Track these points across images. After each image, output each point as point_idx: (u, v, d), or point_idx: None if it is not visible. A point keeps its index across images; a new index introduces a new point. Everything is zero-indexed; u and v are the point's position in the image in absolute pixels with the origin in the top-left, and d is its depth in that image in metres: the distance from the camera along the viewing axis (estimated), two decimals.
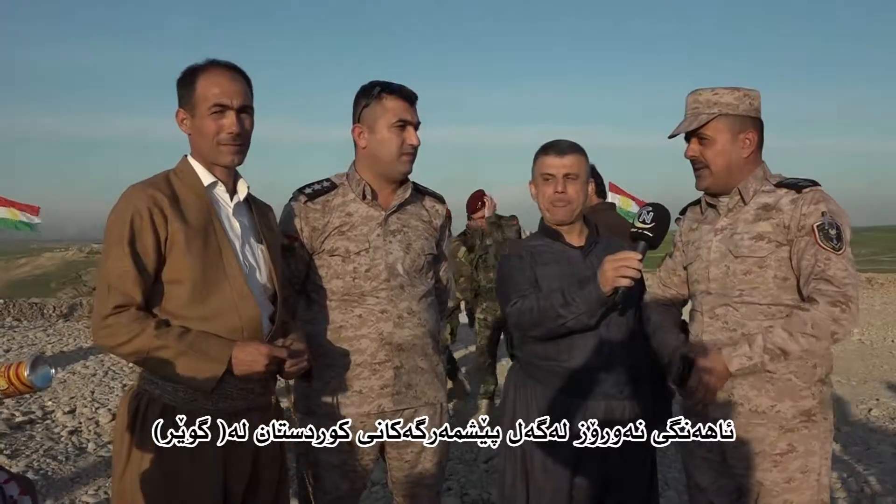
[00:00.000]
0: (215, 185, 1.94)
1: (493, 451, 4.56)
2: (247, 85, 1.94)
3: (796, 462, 1.98)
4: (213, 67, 1.90)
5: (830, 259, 1.89)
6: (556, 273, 2.23)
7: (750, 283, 2.00)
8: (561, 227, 2.31)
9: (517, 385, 2.30)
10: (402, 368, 2.23)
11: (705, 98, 2.04)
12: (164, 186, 1.87)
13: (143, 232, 1.79)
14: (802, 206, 1.95)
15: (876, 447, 4.73)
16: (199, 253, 1.83)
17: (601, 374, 2.18)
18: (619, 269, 1.96)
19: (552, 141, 2.32)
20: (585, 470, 2.16)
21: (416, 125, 2.24)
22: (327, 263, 2.23)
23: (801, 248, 1.93)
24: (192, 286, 1.82)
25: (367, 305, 2.21)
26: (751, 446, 2.00)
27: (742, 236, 2.02)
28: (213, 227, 1.88)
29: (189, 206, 1.87)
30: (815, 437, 1.99)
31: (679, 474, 3.90)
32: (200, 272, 1.82)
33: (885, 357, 8.17)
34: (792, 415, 1.98)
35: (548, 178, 2.26)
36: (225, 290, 1.85)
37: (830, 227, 1.91)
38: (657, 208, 2.02)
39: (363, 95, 2.24)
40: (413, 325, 2.24)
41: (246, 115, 1.92)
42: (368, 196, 2.25)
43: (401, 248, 2.25)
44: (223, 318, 1.84)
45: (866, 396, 6.24)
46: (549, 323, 2.11)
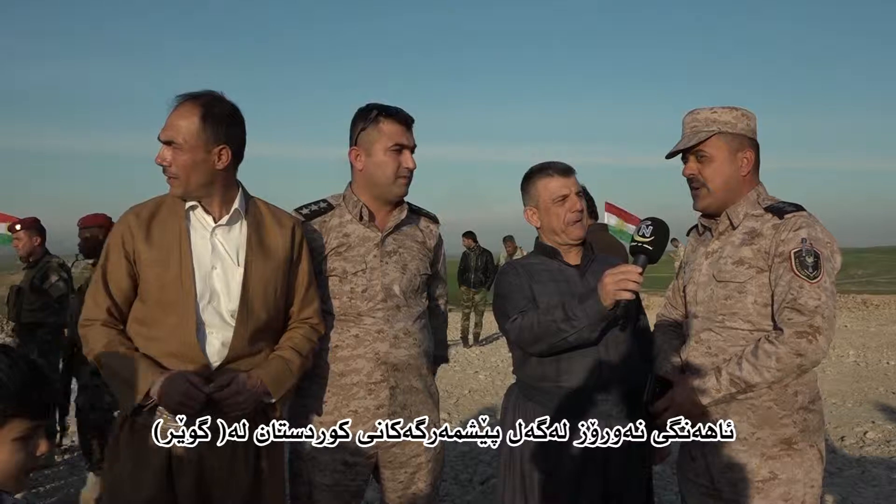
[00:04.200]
0: (195, 209, 2.00)
1: (490, 472, 4.54)
2: (192, 121, 1.92)
3: (778, 489, 1.95)
4: (180, 100, 1.96)
5: (803, 287, 1.86)
6: (553, 290, 2.24)
7: (730, 308, 2.00)
8: (561, 245, 2.33)
9: (516, 406, 2.30)
10: (398, 388, 2.23)
11: (704, 116, 2.05)
12: (146, 209, 2.01)
13: (113, 254, 1.98)
14: (783, 231, 1.94)
15: (871, 470, 4.72)
16: (157, 276, 1.94)
17: (600, 395, 2.18)
18: (620, 282, 1.96)
19: (546, 164, 2.34)
20: (585, 490, 2.16)
21: (413, 148, 2.26)
22: (324, 283, 2.23)
23: (778, 274, 1.92)
24: (149, 308, 1.96)
25: (363, 325, 2.21)
26: (735, 472, 1.99)
27: (726, 260, 2.02)
28: (178, 251, 1.95)
29: (164, 228, 1.98)
30: (798, 465, 1.96)
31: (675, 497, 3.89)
32: (157, 296, 1.95)
33: (880, 379, 8.15)
34: (772, 442, 1.95)
35: (562, 199, 2.27)
36: (170, 317, 1.92)
37: (808, 255, 1.88)
38: (656, 222, 2.03)
39: (360, 118, 2.26)
40: (408, 346, 2.25)
41: (170, 147, 1.93)
42: (365, 217, 2.27)
43: (397, 268, 2.26)
44: (163, 343, 1.92)
45: (861, 419, 6.22)
46: (550, 338, 2.11)
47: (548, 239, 2.36)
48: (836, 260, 1.96)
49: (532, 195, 2.34)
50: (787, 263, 1.90)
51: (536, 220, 2.36)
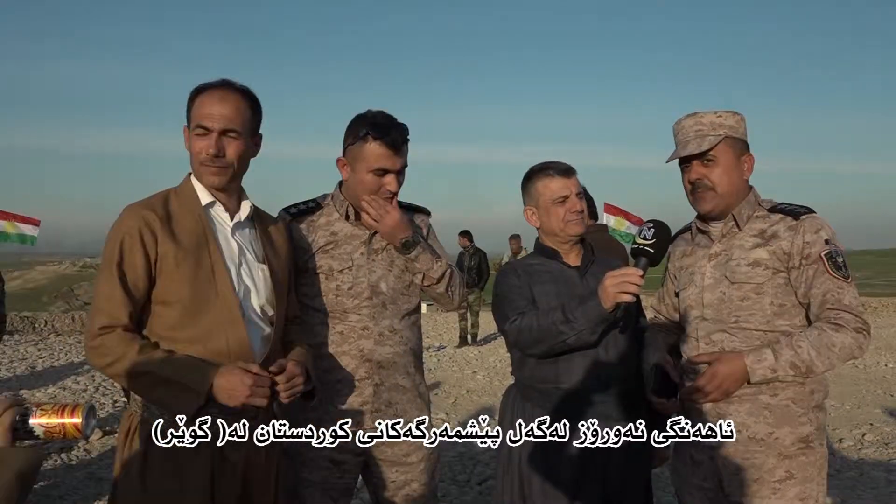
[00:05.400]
0: (213, 205, 1.93)
1: (488, 472, 4.53)
2: (242, 107, 1.90)
3: (794, 489, 1.96)
4: (211, 88, 1.90)
5: (843, 288, 1.92)
6: (553, 292, 2.23)
7: (747, 310, 2.01)
8: (561, 246, 2.32)
9: (514, 407, 2.29)
10: (382, 386, 2.23)
11: (709, 120, 2.05)
12: (159, 206, 1.87)
13: (131, 254, 1.80)
14: (804, 234, 1.97)
15: (870, 472, 4.72)
16: (190, 274, 1.82)
17: (599, 397, 2.17)
18: (621, 284, 1.95)
19: (547, 163, 2.33)
20: (584, 493, 2.15)
21: (400, 170, 2.22)
22: (311, 281, 2.24)
23: (809, 276, 1.95)
24: (182, 308, 1.81)
25: (348, 322, 2.22)
26: (749, 473, 1.99)
27: (738, 262, 2.03)
28: (206, 248, 1.87)
29: (183, 225, 1.86)
30: (811, 463, 1.98)
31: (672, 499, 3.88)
32: (190, 294, 1.82)
33: (878, 382, 8.16)
34: (790, 441, 1.97)
35: (562, 200, 2.27)
36: (214, 313, 1.83)
37: (837, 256, 1.94)
38: (658, 225, 2.02)
39: (351, 132, 2.22)
40: (394, 343, 2.25)
41: (229, 138, 1.88)
42: (352, 216, 2.27)
43: (384, 266, 2.26)
44: (211, 341, 1.82)
45: (860, 421, 6.23)
46: (549, 340, 2.10)
47: (547, 239, 2.35)
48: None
49: (532, 195, 2.33)
50: (820, 266, 1.94)
51: (536, 220, 2.35)
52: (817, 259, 1.94)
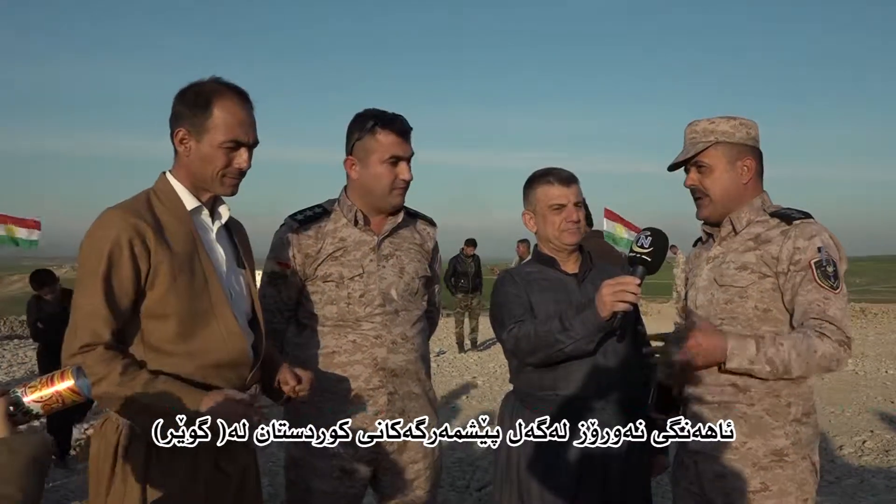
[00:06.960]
0: (200, 211, 1.84)
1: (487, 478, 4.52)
2: (252, 113, 1.84)
3: (769, 502, 1.93)
4: (231, 94, 1.79)
5: (829, 299, 1.88)
6: (551, 299, 2.23)
7: (730, 313, 2.00)
8: (558, 253, 2.32)
9: (513, 413, 2.29)
10: (396, 394, 2.22)
11: (702, 127, 2.05)
12: (145, 212, 1.74)
13: (120, 266, 1.67)
14: (796, 239, 1.94)
15: (869, 479, 4.71)
16: (186, 286, 1.74)
17: (598, 403, 2.17)
18: (618, 293, 1.94)
19: (548, 170, 2.33)
20: (583, 500, 2.14)
21: (410, 158, 2.23)
22: (321, 289, 2.22)
23: (796, 283, 1.92)
24: (179, 321, 1.73)
25: (361, 331, 2.19)
26: (728, 481, 1.97)
27: (729, 265, 2.03)
28: (197, 257, 1.79)
29: (174, 234, 1.76)
30: (789, 478, 1.94)
31: None
32: (187, 306, 1.73)
33: (878, 388, 8.13)
34: (763, 453, 1.94)
35: (559, 208, 2.26)
36: (212, 325, 1.77)
37: (827, 265, 1.90)
38: (655, 233, 2.01)
39: (356, 127, 2.21)
40: (407, 351, 2.24)
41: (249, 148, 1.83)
42: (361, 222, 2.25)
43: (394, 272, 2.25)
44: (211, 354, 1.77)
45: (860, 428, 6.21)
46: (546, 349, 2.10)
47: (543, 246, 2.35)
48: (842, 267, 1.96)
49: (531, 200, 2.33)
50: (808, 273, 1.90)
51: (532, 224, 2.35)
52: (806, 266, 1.91)
